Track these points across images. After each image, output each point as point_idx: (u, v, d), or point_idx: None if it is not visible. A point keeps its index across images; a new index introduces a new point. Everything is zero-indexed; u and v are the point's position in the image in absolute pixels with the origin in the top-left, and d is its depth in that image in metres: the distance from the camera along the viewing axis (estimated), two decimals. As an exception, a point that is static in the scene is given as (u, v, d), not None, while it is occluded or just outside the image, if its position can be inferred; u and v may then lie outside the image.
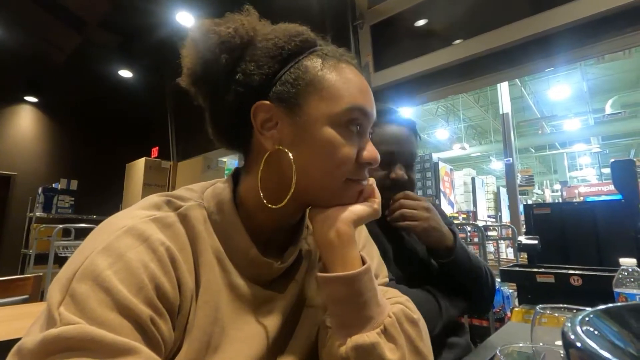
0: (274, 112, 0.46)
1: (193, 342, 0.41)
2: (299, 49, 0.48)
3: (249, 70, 0.46)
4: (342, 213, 0.46)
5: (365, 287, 0.43)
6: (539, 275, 1.30)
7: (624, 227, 1.44)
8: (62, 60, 4.53)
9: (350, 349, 0.41)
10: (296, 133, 0.46)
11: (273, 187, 0.47)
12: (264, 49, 0.47)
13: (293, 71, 0.46)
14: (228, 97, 0.47)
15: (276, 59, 0.46)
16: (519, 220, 3.82)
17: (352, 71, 0.49)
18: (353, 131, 0.46)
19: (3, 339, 0.81)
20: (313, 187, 0.46)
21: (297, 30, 0.49)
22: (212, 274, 0.45)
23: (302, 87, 0.46)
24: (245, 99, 0.46)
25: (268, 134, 0.47)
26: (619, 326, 0.29)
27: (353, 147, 0.46)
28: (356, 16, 2.86)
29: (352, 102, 0.46)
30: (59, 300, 0.34)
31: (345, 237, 0.45)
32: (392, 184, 0.84)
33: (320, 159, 0.45)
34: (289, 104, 0.46)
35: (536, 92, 9.00)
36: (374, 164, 0.48)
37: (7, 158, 5.12)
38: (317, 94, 0.46)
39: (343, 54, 0.50)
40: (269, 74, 0.46)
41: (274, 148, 0.46)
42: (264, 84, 0.46)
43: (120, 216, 0.42)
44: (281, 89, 0.46)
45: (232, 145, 0.53)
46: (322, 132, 0.45)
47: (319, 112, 0.45)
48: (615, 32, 1.81)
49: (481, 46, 2.24)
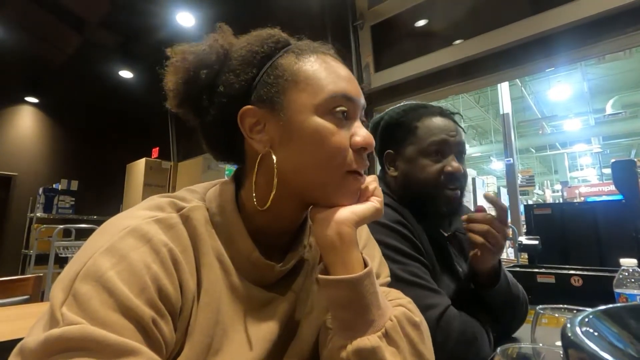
0: (260, 114, 0.47)
1: (194, 344, 0.41)
2: (272, 50, 0.49)
3: (229, 81, 0.47)
4: (344, 214, 0.45)
5: (366, 290, 0.43)
6: (539, 275, 1.30)
7: (625, 227, 1.44)
8: (62, 60, 4.54)
9: (351, 352, 0.41)
10: (284, 130, 0.46)
11: (265, 189, 0.47)
12: (239, 58, 0.48)
13: (270, 72, 0.47)
14: (214, 110, 0.48)
15: (252, 64, 0.47)
16: (519, 220, 3.82)
17: (330, 60, 0.49)
18: (340, 118, 0.46)
19: (4, 339, 0.81)
20: (311, 184, 0.46)
21: (268, 33, 0.50)
22: (213, 275, 0.45)
23: (281, 84, 0.46)
24: (230, 109, 0.47)
25: (257, 137, 0.47)
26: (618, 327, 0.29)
27: (343, 134, 0.46)
28: (356, 17, 2.86)
29: (333, 90, 0.46)
30: (61, 301, 0.34)
31: (347, 239, 0.44)
32: (448, 178, 0.78)
33: (312, 151, 0.45)
34: (272, 103, 0.46)
35: (537, 92, 8.99)
36: (368, 148, 0.47)
37: (7, 158, 5.12)
38: (296, 87, 0.46)
39: (318, 46, 0.51)
40: (248, 79, 0.47)
41: (265, 150, 0.46)
42: (244, 90, 0.47)
43: (123, 217, 0.42)
44: (262, 91, 0.47)
45: (227, 157, 0.54)
46: (308, 123, 0.45)
47: (301, 104, 0.45)
48: (616, 32, 1.81)
49: (481, 46, 2.24)
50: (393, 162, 0.87)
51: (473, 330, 0.68)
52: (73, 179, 5.15)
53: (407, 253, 0.73)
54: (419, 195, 0.80)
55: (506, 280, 0.77)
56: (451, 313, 0.68)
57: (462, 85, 2.45)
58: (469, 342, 0.67)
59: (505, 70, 2.21)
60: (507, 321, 0.79)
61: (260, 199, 0.46)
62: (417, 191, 0.80)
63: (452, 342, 0.65)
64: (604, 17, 1.82)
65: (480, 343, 0.68)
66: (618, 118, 8.18)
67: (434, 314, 0.66)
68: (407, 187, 0.82)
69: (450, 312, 0.68)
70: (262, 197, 0.47)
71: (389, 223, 0.75)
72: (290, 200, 0.47)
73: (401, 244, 0.73)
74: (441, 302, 0.68)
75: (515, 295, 0.79)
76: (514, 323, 0.81)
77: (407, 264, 0.71)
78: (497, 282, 0.75)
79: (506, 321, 0.79)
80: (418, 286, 0.69)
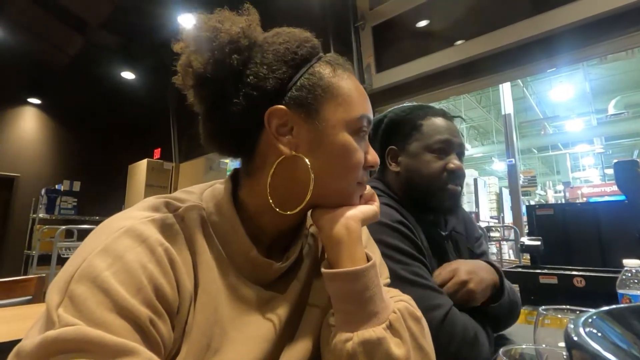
0: (290, 117, 0.46)
1: (192, 344, 0.41)
2: (310, 54, 0.48)
3: (262, 74, 0.46)
4: (351, 211, 0.48)
5: (371, 282, 0.44)
6: (541, 276, 1.30)
7: (628, 228, 1.43)
8: (65, 62, 4.56)
9: (357, 344, 0.41)
10: (314, 138, 0.46)
11: (283, 192, 0.47)
12: (275, 53, 0.47)
13: (308, 77, 0.47)
14: (237, 99, 0.46)
15: (289, 64, 0.47)
16: (521, 221, 3.81)
17: (354, 79, 0.51)
18: (361, 137, 0.49)
19: (6, 340, 0.81)
20: (328, 190, 0.48)
21: (305, 35, 0.50)
22: (210, 275, 0.44)
23: (319, 93, 0.47)
24: (258, 103, 0.46)
25: (284, 139, 0.46)
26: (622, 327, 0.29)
27: (361, 152, 0.49)
28: (357, 17, 2.86)
29: (362, 111, 0.49)
30: (57, 302, 0.34)
31: (354, 234, 0.47)
32: (450, 175, 0.80)
33: (337, 164, 0.47)
34: (307, 109, 0.46)
35: (538, 93, 8.98)
36: (375, 167, 0.51)
37: (10, 159, 5.15)
38: (334, 101, 0.47)
39: (345, 61, 0.52)
40: (284, 78, 0.46)
41: (290, 153, 0.46)
42: (277, 87, 0.46)
43: (118, 217, 0.42)
44: (297, 95, 0.46)
45: (229, 150, 0.51)
46: (340, 137, 0.47)
47: (337, 119, 0.47)
48: (618, 33, 1.81)
49: (483, 47, 2.24)
50: (395, 157, 0.88)
51: (475, 331, 0.68)
52: (75, 180, 5.16)
53: (409, 253, 0.73)
54: (422, 189, 0.82)
55: (505, 291, 0.77)
56: (454, 313, 0.68)
57: (464, 85, 2.45)
58: (472, 343, 0.67)
59: (506, 70, 2.20)
60: (505, 323, 0.81)
61: (276, 200, 0.46)
62: (421, 185, 0.82)
63: (456, 343, 0.65)
64: (606, 17, 1.81)
65: (482, 343, 0.68)
66: (620, 118, 8.16)
67: (439, 314, 0.66)
68: (409, 182, 0.84)
69: (453, 312, 0.68)
70: (279, 199, 0.46)
71: (391, 223, 0.75)
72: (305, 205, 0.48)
73: (403, 243, 0.74)
74: (445, 303, 0.68)
75: (514, 302, 0.80)
76: (510, 322, 0.82)
77: (410, 264, 0.71)
78: (501, 298, 0.75)
79: (505, 323, 0.81)
80: (421, 286, 0.69)
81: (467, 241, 0.90)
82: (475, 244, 0.91)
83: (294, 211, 0.46)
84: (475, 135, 11.80)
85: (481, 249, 0.91)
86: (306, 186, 0.46)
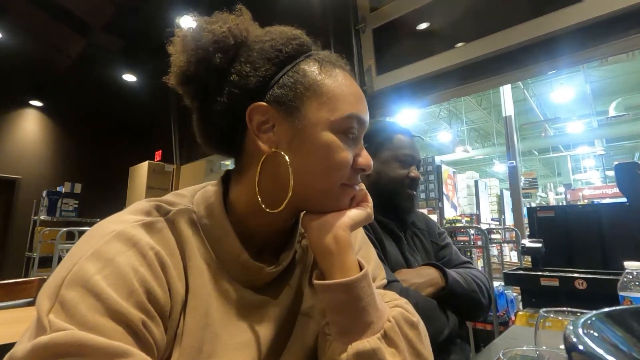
0: (271, 114, 0.46)
1: (184, 348, 0.40)
2: (296, 52, 0.48)
3: (244, 72, 0.46)
4: (339, 218, 0.46)
5: (363, 293, 0.43)
6: (543, 278, 1.29)
7: (629, 230, 1.43)
8: (66, 64, 4.57)
9: (352, 356, 0.41)
10: (294, 136, 0.45)
11: (268, 190, 0.46)
12: (260, 51, 0.46)
13: (291, 74, 0.46)
14: (221, 98, 0.46)
15: (273, 62, 0.46)
16: (522, 223, 3.80)
17: (348, 78, 0.49)
18: (350, 138, 0.47)
19: (7, 342, 0.81)
20: (310, 191, 0.46)
21: (293, 33, 0.49)
22: (201, 279, 0.44)
23: (301, 91, 0.46)
24: (240, 101, 0.46)
25: (265, 136, 0.46)
26: (622, 329, 0.29)
27: (350, 152, 0.47)
28: (358, 20, 2.86)
29: (351, 111, 0.46)
30: (48, 308, 0.33)
31: (343, 243, 0.45)
32: (410, 182, 0.98)
33: (319, 162, 0.45)
34: (288, 107, 0.45)
35: (539, 95, 8.97)
36: (367, 170, 0.49)
37: (12, 161, 5.16)
38: (317, 99, 0.46)
39: (338, 59, 0.50)
40: (266, 76, 0.46)
41: (270, 151, 0.45)
42: (260, 86, 0.46)
43: (108, 221, 0.42)
44: (279, 92, 0.46)
45: (220, 149, 0.52)
46: (321, 136, 0.45)
47: (319, 117, 0.45)
48: (618, 35, 1.81)
49: (484, 49, 2.24)
50: None
51: (430, 306, 0.81)
52: (76, 182, 5.16)
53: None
54: (388, 190, 0.98)
55: (458, 283, 0.87)
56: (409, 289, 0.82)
57: (464, 87, 2.44)
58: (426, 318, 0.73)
59: (507, 72, 2.20)
60: (473, 308, 0.89)
61: (264, 199, 0.46)
62: (387, 187, 0.98)
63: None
64: (607, 19, 1.81)
65: (435, 318, 0.80)
66: (621, 120, 8.15)
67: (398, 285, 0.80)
68: (377, 184, 0.98)
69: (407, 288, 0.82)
70: (266, 198, 0.46)
71: None
72: (288, 204, 0.47)
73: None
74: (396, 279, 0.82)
75: (472, 290, 0.89)
76: (473, 310, 0.90)
77: None
78: (445, 289, 0.85)
79: (472, 308, 0.89)
80: None
81: (429, 235, 1.08)
82: (439, 238, 1.08)
83: (279, 209, 0.45)
84: (476, 137, 11.79)
85: (445, 242, 1.08)
86: (288, 184, 0.45)
